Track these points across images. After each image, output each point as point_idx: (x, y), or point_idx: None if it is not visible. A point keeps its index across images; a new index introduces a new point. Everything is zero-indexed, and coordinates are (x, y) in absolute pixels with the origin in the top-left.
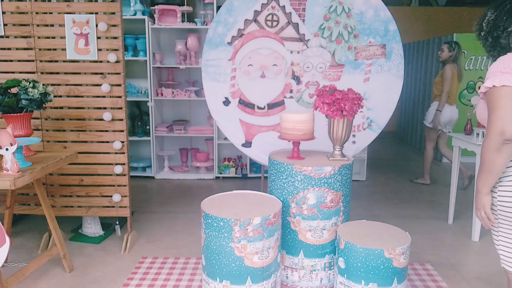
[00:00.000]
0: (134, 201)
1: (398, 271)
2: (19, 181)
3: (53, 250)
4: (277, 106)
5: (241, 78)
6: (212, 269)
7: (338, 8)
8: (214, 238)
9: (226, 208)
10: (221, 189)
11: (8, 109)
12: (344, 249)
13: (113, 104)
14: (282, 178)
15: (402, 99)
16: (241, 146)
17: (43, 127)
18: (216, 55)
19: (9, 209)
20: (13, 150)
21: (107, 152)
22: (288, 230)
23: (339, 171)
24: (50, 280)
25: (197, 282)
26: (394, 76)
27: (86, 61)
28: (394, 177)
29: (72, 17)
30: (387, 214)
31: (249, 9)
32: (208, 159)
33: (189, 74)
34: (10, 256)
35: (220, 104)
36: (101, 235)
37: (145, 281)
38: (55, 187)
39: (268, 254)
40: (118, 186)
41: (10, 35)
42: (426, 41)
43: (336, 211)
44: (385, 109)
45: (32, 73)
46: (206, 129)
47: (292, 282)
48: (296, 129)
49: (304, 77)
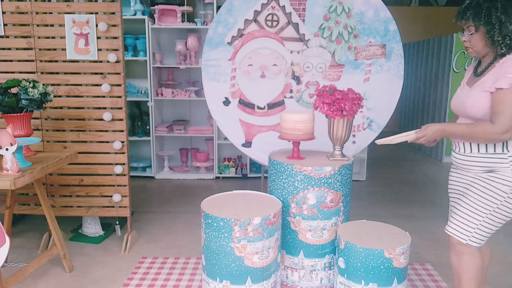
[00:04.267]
0: (134, 201)
1: (398, 271)
2: (19, 181)
3: (53, 250)
4: (277, 106)
5: (241, 78)
6: (212, 269)
7: (338, 8)
8: (214, 238)
9: (226, 208)
10: (221, 189)
11: (8, 109)
12: (344, 249)
13: (113, 104)
14: (282, 178)
15: (402, 99)
16: (241, 146)
17: (43, 127)
18: (216, 55)
19: (9, 209)
20: (13, 150)
21: (107, 152)
22: (288, 230)
23: (339, 171)
24: (50, 280)
25: (197, 282)
26: (394, 76)
27: (86, 61)
28: (394, 177)
29: (72, 17)
30: (387, 214)
31: (249, 9)
32: (208, 159)
33: (189, 74)
34: (10, 256)
35: (220, 104)
36: (101, 235)
37: (145, 281)
38: (55, 187)
39: (268, 254)
40: (118, 186)
41: (10, 35)
42: (426, 41)
43: (336, 211)
44: (385, 109)
45: (32, 73)
46: (206, 129)
47: (292, 282)
48: (296, 129)
49: (304, 77)
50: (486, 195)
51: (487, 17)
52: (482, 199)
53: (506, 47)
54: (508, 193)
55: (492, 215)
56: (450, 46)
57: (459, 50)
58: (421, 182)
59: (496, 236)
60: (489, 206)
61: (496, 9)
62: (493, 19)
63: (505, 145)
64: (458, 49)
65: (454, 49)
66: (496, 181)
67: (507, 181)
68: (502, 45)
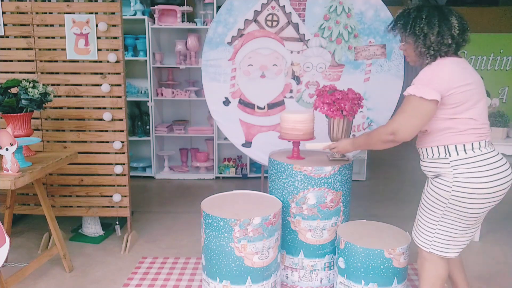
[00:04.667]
0: (134, 201)
1: (398, 271)
2: (19, 181)
3: (53, 250)
4: (277, 106)
5: (241, 78)
6: (212, 269)
7: (338, 8)
8: (214, 238)
9: (226, 208)
10: (221, 189)
11: (8, 109)
12: (344, 249)
13: (113, 104)
14: (282, 178)
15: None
16: (241, 146)
17: (43, 127)
18: (216, 55)
19: (9, 209)
20: (13, 150)
21: (107, 152)
22: (288, 230)
23: (339, 171)
24: (50, 280)
25: (197, 282)
26: (394, 76)
27: (86, 61)
28: (394, 177)
29: (72, 17)
30: (387, 214)
31: (249, 9)
32: (208, 159)
33: (189, 74)
34: (10, 256)
35: (220, 104)
36: (101, 235)
37: (145, 281)
38: (55, 187)
39: (268, 254)
40: (118, 186)
41: (10, 35)
42: None
43: (336, 211)
44: (385, 109)
45: (32, 73)
46: (206, 129)
47: (292, 282)
48: (296, 129)
49: (304, 77)
50: (431, 201)
51: (413, 28)
52: (429, 205)
53: (430, 57)
54: (448, 198)
55: (443, 222)
56: None
57: None
58: (421, 182)
59: (496, 236)
60: (436, 213)
61: (421, 19)
62: (417, 30)
63: (446, 150)
64: None
65: None
66: (439, 187)
67: (447, 186)
68: (427, 55)
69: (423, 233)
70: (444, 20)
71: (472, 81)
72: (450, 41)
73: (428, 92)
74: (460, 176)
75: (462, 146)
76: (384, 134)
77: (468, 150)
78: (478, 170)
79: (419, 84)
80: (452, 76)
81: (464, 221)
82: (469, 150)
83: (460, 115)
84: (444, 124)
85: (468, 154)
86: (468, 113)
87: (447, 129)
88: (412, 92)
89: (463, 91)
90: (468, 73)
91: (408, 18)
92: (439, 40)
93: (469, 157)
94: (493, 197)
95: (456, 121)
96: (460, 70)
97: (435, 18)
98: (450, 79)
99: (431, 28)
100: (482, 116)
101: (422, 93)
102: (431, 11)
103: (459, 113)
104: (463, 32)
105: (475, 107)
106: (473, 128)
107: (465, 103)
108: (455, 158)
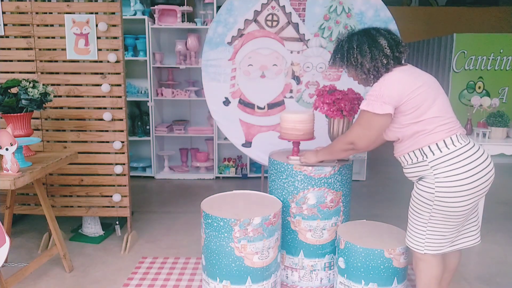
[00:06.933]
0: (134, 201)
1: (398, 271)
2: (19, 181)
3: (53, 250)
4: (277, 106)
5: (241, 78)
6: (212, 269)
7: (338, 8)
8: (214, 238)
9: (226, 208)
10: (221, 189)
11: (8, 109)
12: (344, 249)
13: (113, 104)
14: (282, 178)
15: None
16: (241, 146)
17: (43, 127)
18: (216, 55)
19: (9, 209)
20: (13, 150)
21: (107, 152)
22: (288, 230)
23: (339, 171)
24: (50, 280)
25: (197, 282)
26: None
27: (86, 61)
28: (394, 177)
29: (72, 17)
30: (387, 214)
31: (249, 9)
32: (208, 159)
33: (189, 74)
34: (10, 256)
35: (220, 104)
36: (101, 235)
37: (145, 281)
38: (55, 187)
39: (268, 254)
40: (118, 186)
41: (10, 35)
42: (426, 41)
43: (336, 211)
44: None
45: (32, 73)
46: (206, 129)
47: (292, 282)
48: (296, 129)
49: (304, 77)
50: (418, 204)
51: (349, 60)
52: (416, 209)
53: (374, 78)
54: (433, 200)
55: (432, 223)
56: (450, 46)
57: (459, 50)
58: None
59: (496, 236)
60: (424, 215)
61: (353, 49)
62: (353, 61)
63: (422, 152)
64: (458, 49)
65: (454, 49)
66: (422, 189)
67: (430, 188)
68: (370, 78)
69: (415, 236)
70: (373, 44)
71: (422, 83)
72: (385, 60)
73: (379, 107)
74: (441, 176)
75: (436, 145)
76: (343, 143)
77: (442, 147)
78: (457, 167)
79: (371, 99)
80: (400, 85)
81: (452, 219)
82: (443, 148)
83: (423, 116)
84: (412, 129)
85: (444, 152)
86: (430, 113)
87: (417, 133)
88: (365, 108)
89: (416, 95)
90: (416, 77)
91: (343, 50)
92: (375, 64)
93: (445, 154)
94: (477, 191)
95: (422, 123)
96: (407, 77)
97: (365, 44)
98: (399, 89)
99: (364, 56)
100: (446, 111)
101: (374, 108)
102: (360, 38)
103: (422, 115)
104: (396, 46)
105: (434, 104)
106: (440, 125)
107: (423, 104)
108: (432, 158)
